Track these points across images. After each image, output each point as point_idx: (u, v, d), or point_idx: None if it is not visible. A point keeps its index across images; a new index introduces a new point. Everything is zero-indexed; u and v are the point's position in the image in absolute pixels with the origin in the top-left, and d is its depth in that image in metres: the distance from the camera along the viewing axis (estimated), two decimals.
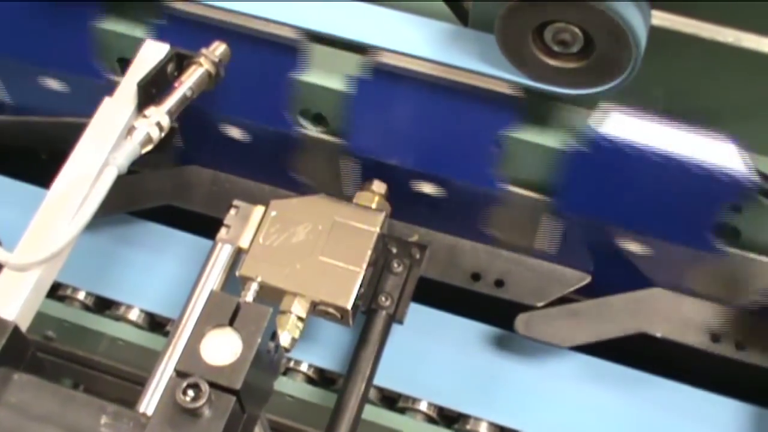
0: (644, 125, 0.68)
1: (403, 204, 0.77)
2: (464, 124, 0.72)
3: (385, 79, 0.71)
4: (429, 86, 0.71)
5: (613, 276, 0.78)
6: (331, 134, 0.76)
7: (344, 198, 0.76)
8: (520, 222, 0.77)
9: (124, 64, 0.77)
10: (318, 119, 0.76)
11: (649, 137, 0.68)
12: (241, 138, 0.78)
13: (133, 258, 0.84)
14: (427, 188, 0.76)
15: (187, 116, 0.70)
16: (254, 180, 0.82)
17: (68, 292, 0.84)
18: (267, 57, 0.73)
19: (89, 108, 0.69)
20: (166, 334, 0.82)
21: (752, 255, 0.72)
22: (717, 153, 0.67)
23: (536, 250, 0.79)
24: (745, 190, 0.67)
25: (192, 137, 0.79)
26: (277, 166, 0.79)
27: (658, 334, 0.76)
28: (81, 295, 0.84)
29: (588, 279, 0.79)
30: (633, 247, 0.74)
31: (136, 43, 0.72)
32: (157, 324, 0.84)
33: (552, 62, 0.66)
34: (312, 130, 0.76)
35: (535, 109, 0.71)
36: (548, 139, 0.71)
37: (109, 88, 0.71)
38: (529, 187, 0.74)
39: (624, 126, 0.68)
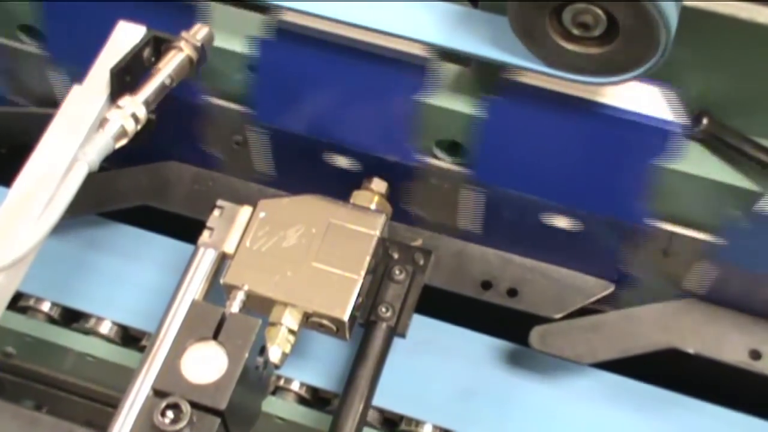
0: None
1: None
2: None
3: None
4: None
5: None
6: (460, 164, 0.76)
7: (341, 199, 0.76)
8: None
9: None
10: (452, 148, 0.76)
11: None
12: (349, 167, 0.78)
13: (105, 264, 0.85)
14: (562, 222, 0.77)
15: (286, 143, 0.72)
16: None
17: (31, 302, 0.84)
18: (389, 77, 0.73)
19: None
20: (141, 349, 0.82)
21: None
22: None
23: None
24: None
25: (288, 166, 0.80)
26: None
27: (691, 350, 0.77)
28: (45, 306, 0.84)
29: (612, 288, 0.79)
30: (561, 222, 0.75)
31: None
32: (131, 338, 0.84)
33: (571, 47, 0.66)
34: (445, 161, 0.76)
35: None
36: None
37: None
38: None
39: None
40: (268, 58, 0.74)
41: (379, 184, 0.78)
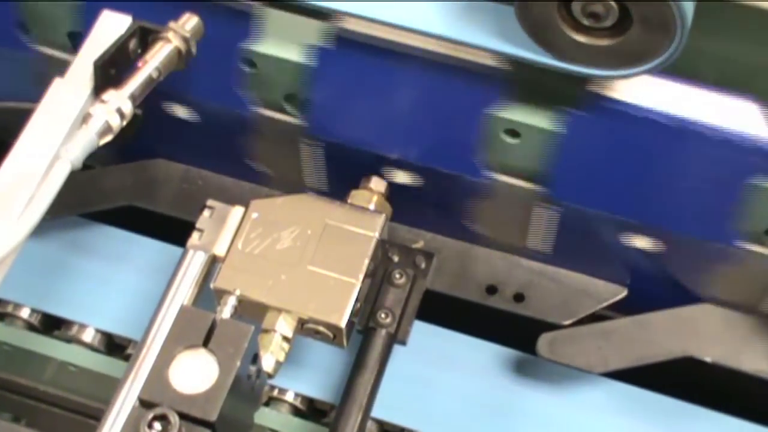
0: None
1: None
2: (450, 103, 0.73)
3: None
4: (424, 64, 0.72)
5: (654, 288, 0.79)
6: None
7: (336, 197, 0.77)
8: (510, 216, 0.78)
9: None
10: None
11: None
12: (411, 183, 0.78)
13: (88, 268, 0.85)
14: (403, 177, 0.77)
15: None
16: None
17: (9, 309, 0.84)
18: (456, 87, 0.73)
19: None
20: (127, 357, 0.82)
21: None
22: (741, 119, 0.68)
23: (559, 257, 0.80)
24: None
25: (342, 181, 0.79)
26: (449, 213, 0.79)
27: (708, 359, 0.77)
28: (25, 313, 0.84)
29: (624, 293, 0.80)
30: (642, 243, 0.75)
31: None
32: (116, 346, 0.84)
33: (581, 39, 0.66)
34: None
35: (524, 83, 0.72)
36: (537, 118, 0.72)
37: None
38: (519, 175, 0.75)
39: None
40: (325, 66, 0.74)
41: (378, 183, 0.78)
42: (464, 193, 0.77)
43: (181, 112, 0.80)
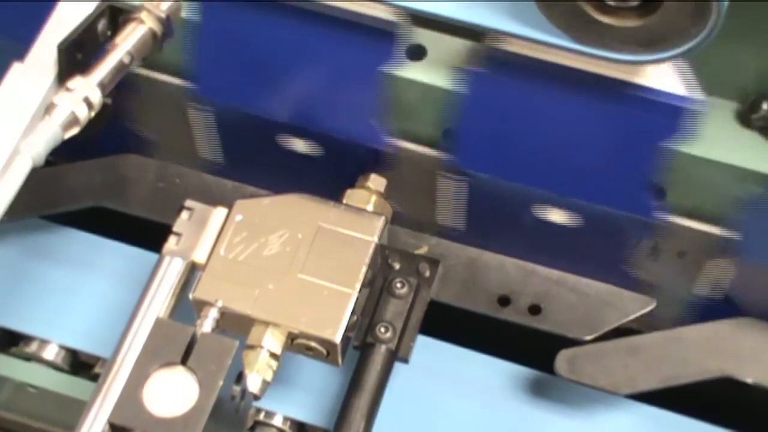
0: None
1: None
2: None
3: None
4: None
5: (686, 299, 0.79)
6: None
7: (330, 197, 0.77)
8: (417, 187, 0.79)
9: None
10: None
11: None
12: (309, 152, 0.79)
13: (51, 276, 0.86)
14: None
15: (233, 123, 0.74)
16: None
17: None
18: (352, 45, 0.74)
19: None
20: (94, 377, 0.83)
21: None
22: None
23: (583, 266, 0.80)
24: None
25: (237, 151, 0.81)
26: None
27: (749, 380, 0.77)
28: None
29: (653, 304, 0.80)
30: (556, 216, 0.76)
31: None
32: (82, 364, 0.84)
33: (605, 19, 0.67)
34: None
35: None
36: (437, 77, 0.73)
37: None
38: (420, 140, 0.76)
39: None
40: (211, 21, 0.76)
41: (377, 181, 0.79)
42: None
43: None
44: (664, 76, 0.71)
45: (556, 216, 0.78)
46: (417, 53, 0.75)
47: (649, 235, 0.77)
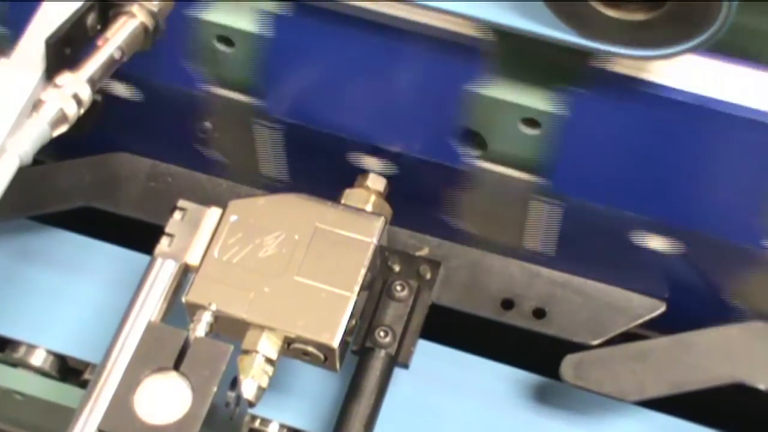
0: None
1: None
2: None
3: None
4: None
5: (697, 303, 0.79)
6: None
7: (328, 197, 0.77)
8: (501, 212, 0.79)
9: None
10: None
11: None
12: (383, 170, 0.80)
13: (39, 279, 0.86)
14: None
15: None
16: None
17: None
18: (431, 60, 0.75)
19: None
20: (84, 384, 0.83)
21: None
22: None
23: (590, 268, 0.80)
24: None
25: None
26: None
27: (762, 386, 0.77)
28: None
29: (663, 308, 0.80)
30: (657, 243, 0.76)
31: None
32: (71, 370, 0.85)
33: (612, 13, 0.67)
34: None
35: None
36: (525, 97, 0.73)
37: None
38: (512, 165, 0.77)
39: None
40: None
41: (376, 181, 0.79)
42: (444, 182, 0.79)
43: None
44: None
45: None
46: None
47: None
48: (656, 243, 0.77)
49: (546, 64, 0.73)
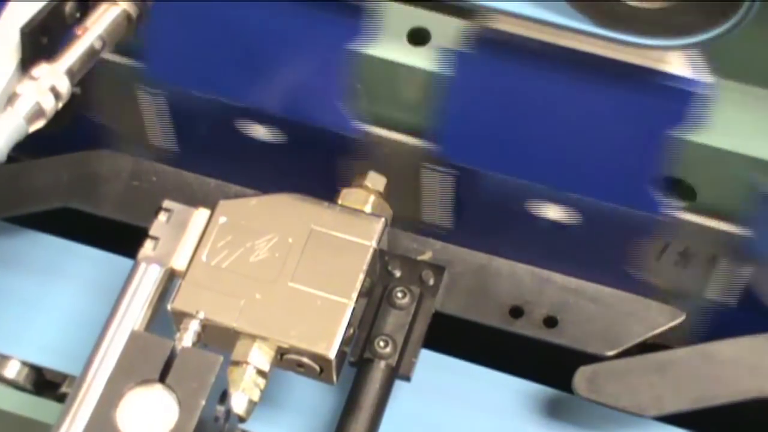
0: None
1: None
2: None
3: None
4: None
5: (719, 311, 0.80)
6: None
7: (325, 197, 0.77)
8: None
9: None
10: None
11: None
12: (271, 139, 0.80)
13: (13, 285, 0.86)
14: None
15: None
16: None
17: None
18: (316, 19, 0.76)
19: None
20: (61, 397, 0.83)
21: None
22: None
23: (604, 273, 0.80)
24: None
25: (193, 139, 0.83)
26: None
27: None
28: None
29: (683, 316, 0.80)
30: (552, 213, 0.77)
31: None
32: (47, 383, 0.85)
33: (629, 1, 0.67)
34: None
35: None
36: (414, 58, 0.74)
37: None
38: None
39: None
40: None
41: (375, 180, 0.79)
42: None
43: None
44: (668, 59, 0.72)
45: (554, 213, 0.78)
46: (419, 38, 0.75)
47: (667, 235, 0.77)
48: (554, 213, 0.78)
49: None
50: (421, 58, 0.76)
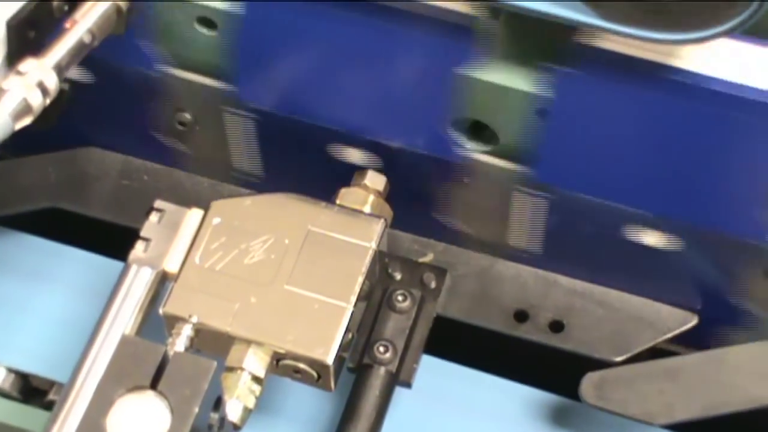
0: None
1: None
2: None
3: None
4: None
5: (732, 315, 0.79)
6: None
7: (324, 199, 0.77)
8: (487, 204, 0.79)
9: None
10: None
11: None
12: (365, 163, 0.80)
13: None
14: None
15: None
16: None
17: None
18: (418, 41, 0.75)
19: None
20: (49, 405, 0.83)
21: None
22: None
23: (612, 276, 0.80)
24: None
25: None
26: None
27: None
28: None
29: (695, 321, 0.80)
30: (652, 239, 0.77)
31: None
32: (34, 390, 0.85)
33: None
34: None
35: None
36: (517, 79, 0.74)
37: None
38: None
39: None
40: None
41: (375, 179, 0.79)
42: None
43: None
44: None
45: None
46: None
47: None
48: (651, 239, 0.78)
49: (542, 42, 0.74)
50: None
